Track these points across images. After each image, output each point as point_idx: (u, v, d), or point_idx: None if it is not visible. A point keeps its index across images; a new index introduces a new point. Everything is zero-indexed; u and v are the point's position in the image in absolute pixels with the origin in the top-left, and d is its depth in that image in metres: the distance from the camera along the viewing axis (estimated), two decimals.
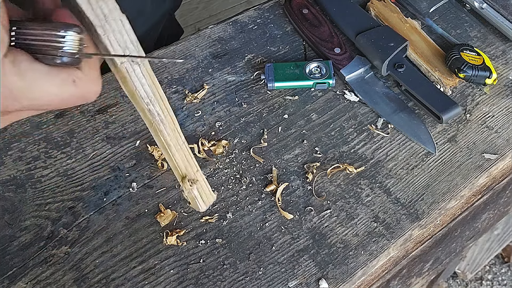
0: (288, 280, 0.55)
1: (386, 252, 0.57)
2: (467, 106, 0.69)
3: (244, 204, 0.60)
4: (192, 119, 0.66)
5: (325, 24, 0.74)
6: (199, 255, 0.56)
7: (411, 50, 0.72)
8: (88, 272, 0.55)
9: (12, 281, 0.53)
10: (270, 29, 0.76)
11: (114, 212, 0.58)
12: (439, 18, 0.78)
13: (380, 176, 0.62)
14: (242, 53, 0.73)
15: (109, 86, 0.68)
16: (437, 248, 0.73)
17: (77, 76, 0.37)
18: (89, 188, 0.60)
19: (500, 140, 0.66)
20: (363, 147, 0.65)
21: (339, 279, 0.55)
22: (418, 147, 0.65)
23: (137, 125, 0.65)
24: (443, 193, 0.61)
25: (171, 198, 0.60)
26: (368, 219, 0.59)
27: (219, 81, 0.70)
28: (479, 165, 0.64)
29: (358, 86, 0.69)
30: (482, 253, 1.52)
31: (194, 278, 0.55)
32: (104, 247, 0.56)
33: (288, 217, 0.59)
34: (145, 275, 0.55)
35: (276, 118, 0.67)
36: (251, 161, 0.63)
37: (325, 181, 0.62)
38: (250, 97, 0.68)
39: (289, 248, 0.57)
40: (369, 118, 0.67)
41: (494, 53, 0.74)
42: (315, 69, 0.69)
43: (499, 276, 1.78)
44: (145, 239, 0.57)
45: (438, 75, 0.69)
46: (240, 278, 0.55)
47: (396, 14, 0.76)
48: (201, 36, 0.74)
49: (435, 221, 0.61)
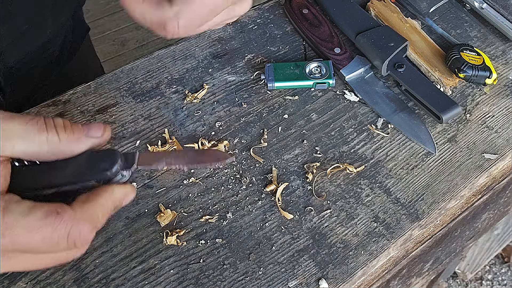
0: (288, 280, 0.55)
1: (386, 252, 0.57)
2: (467, 106, 0.69)
3: (244, 204, 0.60)
4: (192, 119, 0.66)
5: (325, 24, 0.74)
6: (199, 255, 0.56)
7: (411, 50, 0.72)
8: (88, 272, 0.55)
9: (12, 281, 0.53)
10: (270, 29, 0.76)
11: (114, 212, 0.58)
12: (439, 18, 0.78)
13: (380, 176, 0.62)
14: (242, 53, 0.73)
15: (109, 86, 0.68)
16: (437, 248, 0.73)
17: (61, 208, 0.37)
18: None
19: (500, 140, 0.66)
20: (363, 147, 0.65)
21: (339, 279, 0.55)
22: (418, 147, 0.65)
23: (137, 125, 0.65)
24: (443, 193, 0.62)
25: (171, 198, 0.60)
26: (368, 219, 0.59)
27: (219, 81, 0.70)
28: (479, 165, 0.64)
29: (358, 86, 0.69)
30: (482, 253, 1.52)
31: (194, 278, 0.55)
32: (104, 247, 0.56)
33: (288, 217, 0.59)
34: (145, 275, 0.55)
35: (276, 118, 0.67)
36: (251, 161, 0.63)
37: (325, 181, 0.62)
38: (250, 97, 0.68)
39: (289, 248, 0.57)
40: (369, 118, 0.67)
41: (494, 53, 0.74)
42: (315, 69, 0.69)
43: (499, 276, 1.78)
44: (145, 239, 0.57)
45: (438, 75, 0.69)
46: (240, 278, 0.55)
47: (396, 14, 0.76)
48: (201, 36, 0.74)
49: (435, 221, 0.61)
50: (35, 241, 0.36)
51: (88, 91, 0.68)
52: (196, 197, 0.60)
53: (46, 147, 0.39)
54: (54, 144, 0.40)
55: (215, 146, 0.63)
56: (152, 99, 0.68)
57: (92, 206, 0.39)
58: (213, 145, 0.63)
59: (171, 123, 0.66)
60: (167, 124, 0.65)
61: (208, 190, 0.60)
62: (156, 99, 0.68)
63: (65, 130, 0.40)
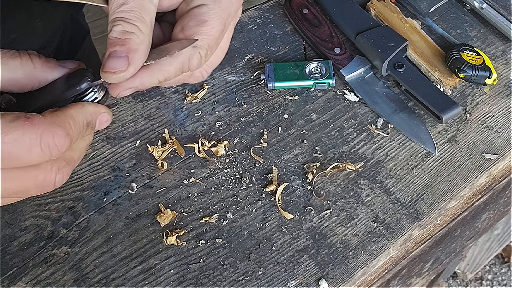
0: (288, 280, 0.55)
1: (386, 252, 0.57)
2: (467, 106, 0.69)
3: (244, 204, 0.60)
4: (192, 119, 0.66)
5: (325, 24, 0.74)
6: (199, 255, 0.56)
7: (411, 50, 0.72)
8: (88, 272, 0.55)
9: (12, 281, 0.53)
10: (270, 29, 0.76)
11: (114, 212, 0.58)
12: (439, 18, 0.78)
13: (380, 176, 0.62)
14: (242, 53, 0.73)
15: None
16: (437, 248, 0.73)
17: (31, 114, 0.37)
18: (89, 188, 0.60)
19: (500, 140, 0.66)
20: (363, 147, 0.65)
21: (339, 279, 0.55)
22: (418, 147, 0.65)
23: (137, 125, 0.65)
24: (443, 193, 0.62)
25: (171, 198, 0.60)
26: (368, 219, 0.59)
27: (219, 81, 0.70)
28: (479, 165, 0.64)
29: (358, 86, 0.69)
30: (482, 253, 1.52)
31: (194, 278, 0.55)
32: (104, 247, 0.56)
33: (288, 217, 0.59)
34: (145, 275, 0.55)
35: (276, 118, 0.67)
36: (251, 161, 0.63)
37: (325, 181, 0.62)
38: (250, 97, 0.68)
39: (289, 248, 0.57)
40: (369, 118, 0.67)
41: (494, 53, 0.74)
42: (315, 69, 0.69)
43: (499, 276, 1.78)
44: (145, 239, 0.57)
45: (438, 75, 0.69)
46: (240, 278, 0.55)
47: (396, 14, 0.76)
48: None
49: (435, 221, 0.61)
50: (5, 145, 0.35)
51: None
52: (196, 197, 0.60)
53: (21, 71, 0.39)
54: (29, 69, 0.40)
55: (215, 146, 0.63)
56: (152, 99, 0.68)
57: (62, 114, 0.39)
58: (213, 145, 0.63)
59: (171, 123, 0.66)
60: (167, 124, 0.65)
61: (208, 190, 0.60)
62: (156, 99, 0.68)
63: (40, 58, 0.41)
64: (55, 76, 0.42)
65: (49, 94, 0.41)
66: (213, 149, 0.63)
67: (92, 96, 0.43)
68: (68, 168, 0.41)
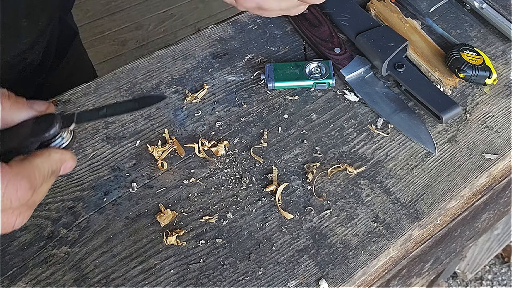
0: (288, 280, 0.55)
1: (386, 252, 0.57)
2: (467, 106, 0.69)
3: (244, 204, 0.60)
4: (192, 119, 0.66)
5: (325, 24, 0.74)
6: (199, 255, 0.56)
7: (411, 50, 0.72)
8: (88, 272, 0.55)
9: (12, 281, 0.53)
10: (270, 29, 0.76)
11: (114, 212, 0.58)
12: (439, 18, 0.78)
13: (380, 176, 0.62)
14: (242, 53, 0.73)
15: (109, 86, 0.68)
16: (437, 248, 0.73)
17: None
18: (89, 188, 0.60)
19: (500, 140, 0.66)
20: (363, 147, 0.65)
21: (339, 279, 0.55)
22: (418, 147, 0.65)
23: (137, 125, 0.65)
24: (443, 193, 0.62)
25: (171, 198, 0.60)
26: (368, 219, 0.59)
27: (219, 81, 0.70)
28: (479, 165, 0.64)
29: (358, 86, 0.69)
30: (482, 253, 1.52)
31: (194, 278, 0.55)
32: (104, 247, 0.56)
33: (288, 217, 0.59)
34: (145, 275, 0.55)
35: (276, 118, 0.67)
36: (251, 161, 0.63)
37: (325, 181, 0.62)
38: (250, 97, 0.68)
39: (289, 248, 0.57)
40: (369, 118, 0.67)
41: (494, 53, 0.74)
42: (315, 69, 0.69)
43: (499, 276, 1.78)
44: (145, 239, 0.57)
45: (438, 75, 0.69)
46: (240, 278, 0.55)
47: (396, 14, 0.76)
48: (201, 36, 0.74)
49: (435, 221, 0.61)
50: None
51: (88, 91, 0.68)
52: (196, 197, 0.60)
53: None
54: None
55: (215, 146, 0.63)
56: None
57: (29, 165, 0.39)
58: (213, 145, 0.63)
59: (171, 123, 0.66)
60: (167, 124, 0.65)
61: (208, 190, 0.60)
62: None
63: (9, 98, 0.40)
64: (23, 118, 0.42)
65: (16, 138, 0.41)
66: (213, 149, 0.63)
67: (59, 142, 0.43)
68: (29, 212, 0.41)
